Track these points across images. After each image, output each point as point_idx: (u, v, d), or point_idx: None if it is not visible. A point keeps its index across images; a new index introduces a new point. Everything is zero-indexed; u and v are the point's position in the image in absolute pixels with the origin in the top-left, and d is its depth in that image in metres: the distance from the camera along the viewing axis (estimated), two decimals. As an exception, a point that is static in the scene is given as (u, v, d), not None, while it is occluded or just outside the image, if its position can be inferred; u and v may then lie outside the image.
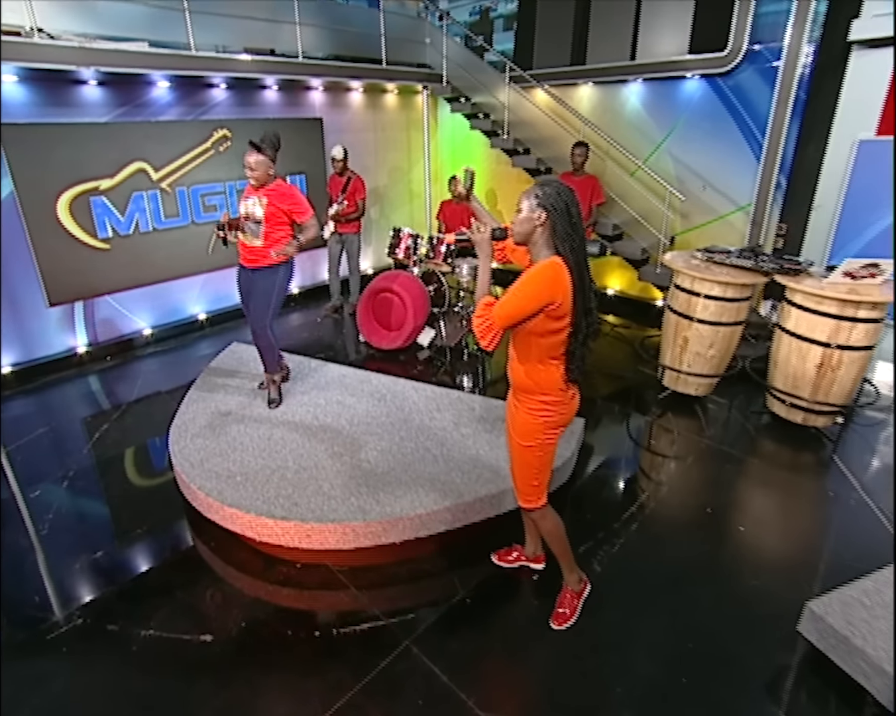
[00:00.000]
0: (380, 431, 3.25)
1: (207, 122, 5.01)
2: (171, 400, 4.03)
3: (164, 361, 4.86)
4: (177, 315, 5.30)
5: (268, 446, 3.09)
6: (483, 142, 6.70)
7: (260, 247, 3.17)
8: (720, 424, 3.79)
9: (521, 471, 2.08)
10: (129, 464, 3.39)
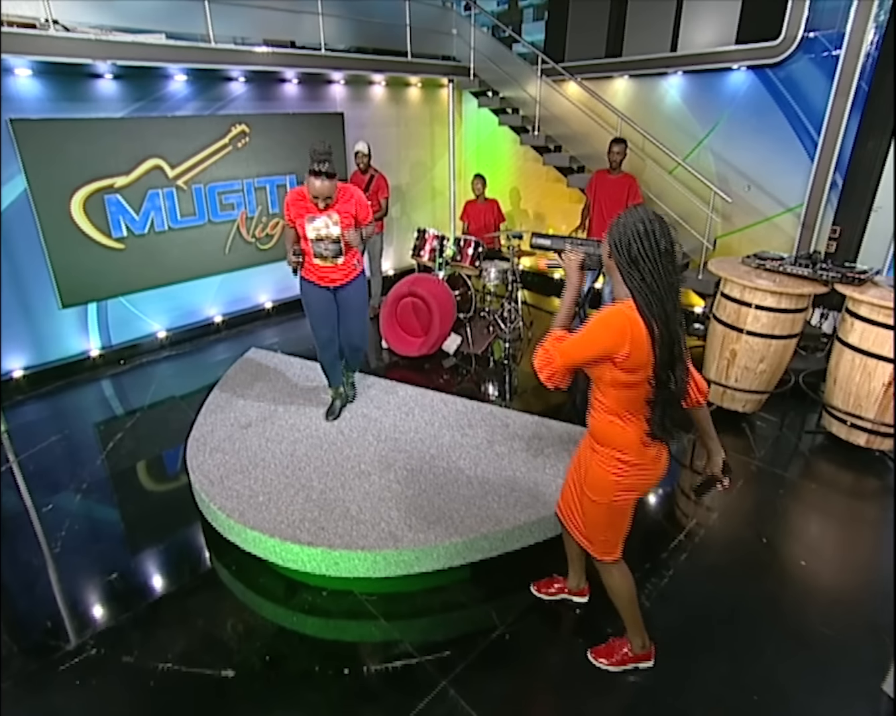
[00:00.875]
0: (409, 449, 3.14)
1: (225, 117, 4.96)
2: (186, 407, 3.98)
3: (180, 365, 4.81)
4: (192, 317, 5.27)
5: (291, 463, 2.99)
6: (510, 138, 6.58)
7: (345, 262, 3.09)
8: (771, 444, 3.62)
9: (588, 522, 1.93)
10: (145, 477, 3.32)
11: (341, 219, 2.93)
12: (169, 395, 4.27)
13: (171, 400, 4.19)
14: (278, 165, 5.38)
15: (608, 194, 4.59)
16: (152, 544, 2.78)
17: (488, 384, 4.40)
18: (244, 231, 5.31)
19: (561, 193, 6.44)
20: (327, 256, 3.01)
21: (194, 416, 3.56)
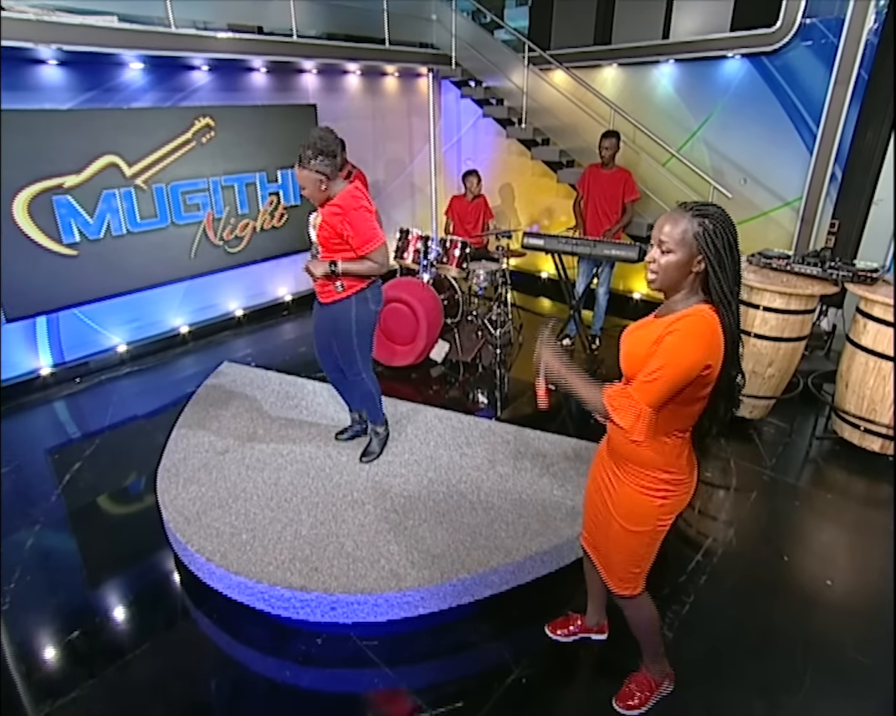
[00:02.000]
0: (404, 472, 3.00)
1: (187, 109, 4.74)
2: (152, 429, 3.75)
3: (143, 381, 4.58)
4: (155, 329, 5.04)
5: (275, 494, 2.82)
6: (494, 130, 6.49)
7: (321, 282, 2.74)
8: (781, 451, 3.58)
9: (621, 556, 1.81)
10: (108, 514, 3.09)
11: (321, 225, 2.61)
12: (132, 415, 4.03)
13: (135, 422, 3.95)
14: (247, 162, 5.19)
15: (602, 190, 4.52)
16: (120, 593, 2.57)
17: (479, 394, 4.29)
18: (211, 234, 5.11)
19: (548, 189, 6.36)
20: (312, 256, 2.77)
21: (163, 440, 3.35)
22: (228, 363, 4.33)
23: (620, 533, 1.75)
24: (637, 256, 4.03)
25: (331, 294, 2.74)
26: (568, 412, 4.07)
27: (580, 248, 4.25)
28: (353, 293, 2.74)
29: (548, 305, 6.38)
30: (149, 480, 3.19)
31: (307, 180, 2.51)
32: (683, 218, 1.45)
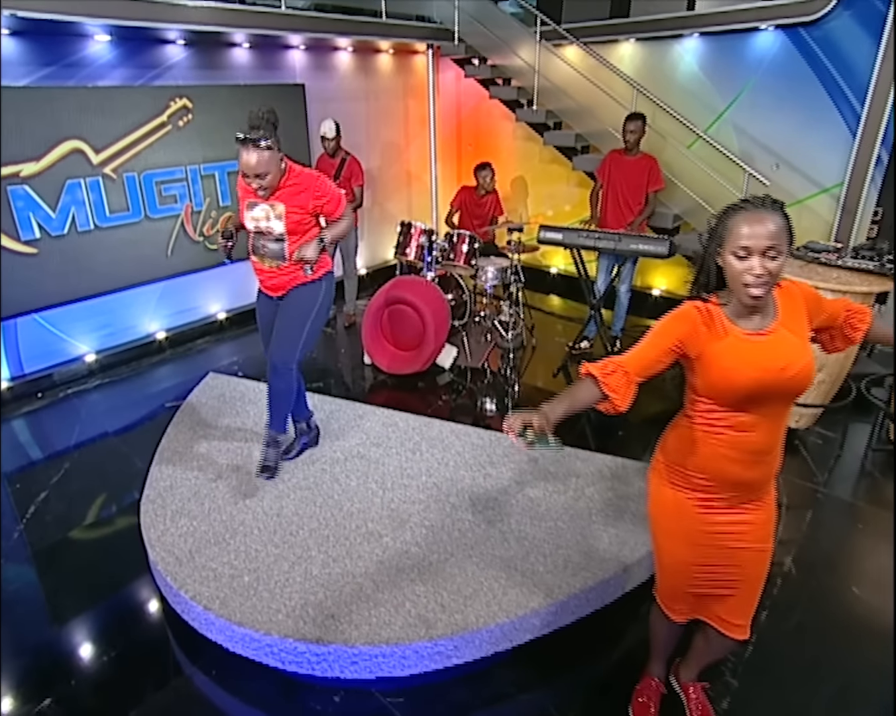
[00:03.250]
0: (423, 498, 2.86)
1: (161, 88, 4.58)
2: (129, 451, 3.57)
3: (115, 395, 4.39)
4: (128, 335, 4.89)
5: (279, 526, 2.66)
6: (497, 114, 6.39)
7: (286, 267, 2.69)
8: (832, 464, 3.49)
9: (761, 587, 1.74)
10: (83, 555, 2.86)
11: (287, 213, 2.56)
12: (104, 435, 3.84)
13: (108, 442, 3.76)
14: (228, 148, 4.94)
15: (625, 178, 4.40)
16: (100, 650, 2.36)
17: (490, 403, 4.17)
18: (190, 228, 4.97)
19: (557, 176, 6.26)
20: (265, 255, 2.67)
21: (142, 465, 3.18)
22: (214, 374, 4.17)
23: (765, 561, 1.71)
24: (668, 250, 3.91)
25: (295, 280, 2.71)
26: (587, 420, 3.95)
27: (603, 242, 4.12)
28: (324, 273, 2.74)
29: (558, 302, 6.28)
30: (129, 512, 3.01)
31: (270, 163, 2.44)
32: (774, 215, 1.43)
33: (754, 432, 1.51)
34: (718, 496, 1.61)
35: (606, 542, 2.56)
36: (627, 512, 2.73)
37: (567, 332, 5.34)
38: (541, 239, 4.37)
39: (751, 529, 1.64)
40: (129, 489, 3.24)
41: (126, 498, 3.19)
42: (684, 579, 1.74)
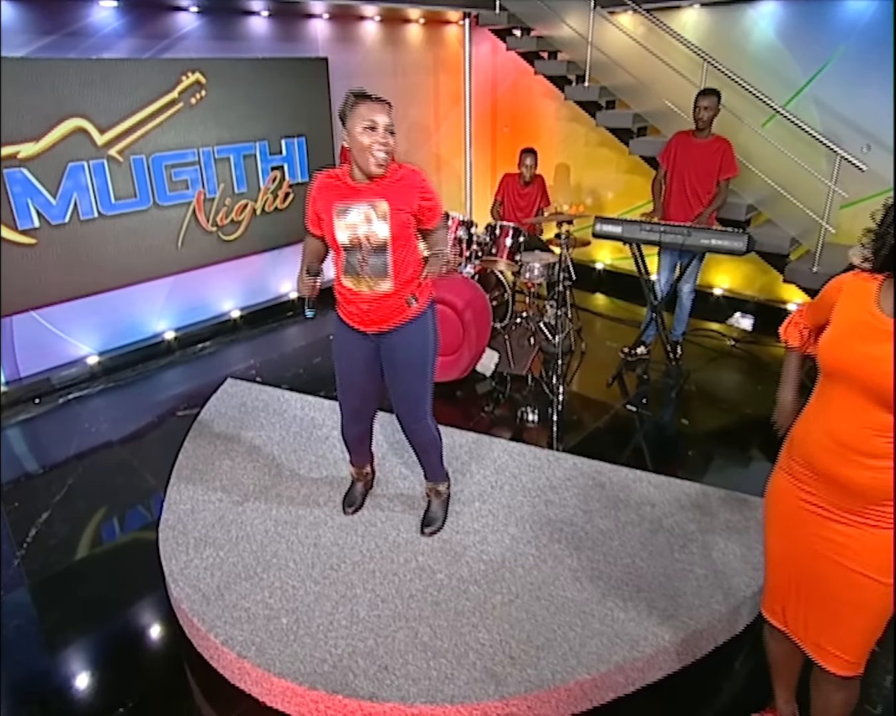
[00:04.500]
0: (478, 528, 2.75)
1: (172, 61, 4.56)
2: (139, 466, 3.51)
3: (121, 402, 4.34)
4: (134, 335, 4.88)
5: (317, 559, 2.55)
6: (537, 91, 6.29)
7: (391, 291, 2.31)
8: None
9: (865, 623, 1.62)
10: (93, 590, 2.74)
11: (392, 212, 2.21)
12: (109, 446, 3.77)
13: (115, 454, 3.68)
14: (245, 129, 5.01)
15: (694, 164, 4.24)
16: (115, 700, 2.23)
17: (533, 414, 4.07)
18: (202, 217, 4.94)
19: (606, 161, 6.13)
20: (363, 274, 2.28)
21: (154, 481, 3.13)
22: (233, 381, 4.09)
23: (870, 593, 1.58)
24: (745, 246, 3.75)
25: (400, 313, 2.35)
26: (643, 437, 3.81)
27: (669, 236, 3.97)
28: (427, 302, 2.43)
29: (605, 302, 6.13)
30: (144, 538, 2.91)
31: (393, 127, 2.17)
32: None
33: (835, 412, 1.55)
34: (816, 493, 1.62)
35: (694, 584, 2.42)
36: (715, 549, 2.59)
37: (619, 335, 5.19)
38: (596, 232, 4.23)
39: (852, 547, 1.58)
40: (141, 510, 3.17)
41: (138, 520, 3.11)
42: (778, 574, 1.78)
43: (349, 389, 2.57)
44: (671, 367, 4.52)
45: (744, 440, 3.80)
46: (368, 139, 2.11)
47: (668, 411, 4.15)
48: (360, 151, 2.13)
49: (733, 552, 2.55)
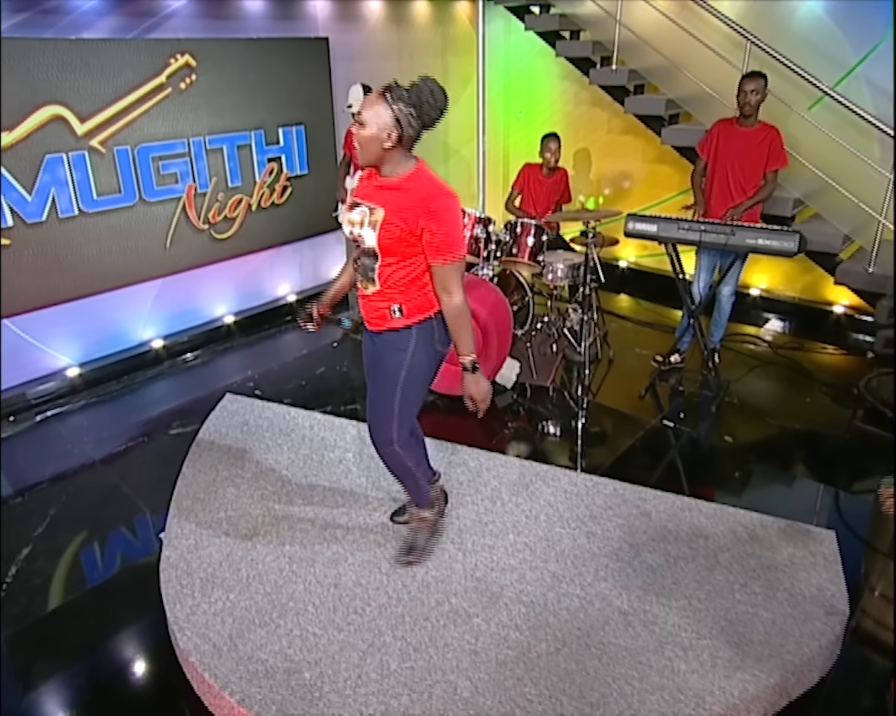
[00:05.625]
0: (515, 564, 2.69)
1: (159, 42, 4.52)
2: (130, 491, 3.46)
3: (105, 418, 4.29)
4: (118, 344, 4.85)
5: (339, 601, 2.49)
6: (555, 74, 6.29)
7: (375, 294, 2.34)
8: None
9: None
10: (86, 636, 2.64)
11: (384, 224, 2.19)
12: (93, 468, 3.70)
13: (100, 478, 3.61)
14: (239, 116, 4.99)
15: (739, 154, 4.17)
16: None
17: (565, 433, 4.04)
18: (193, 214, 4.92)
19: (631, 150, 6.11)
20: (359, 270, 2.37)
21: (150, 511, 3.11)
22: (233, 396, 4.05)
23: None
24: (797, 246, 3.69)
25: (383, 320, 2.36)
26: (685, 457, 3.76)
27: (711, 236, 3.91)
28: (416, 323, 2.34)
29: (630, 304, 6.09)
30: (141, 576, 2.82)
31: (375, 117, 2.11)
32: None
33: None
34: None
35: (761, 630, 2.35)
36: (780, 589, 2.52)
37: (648, 341, 5.15)
38: (629, 231, 4.17)
39: None
40: (136, 545, 3.11)
41: (133, 556, 3.03)
42: None
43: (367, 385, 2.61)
44: (709, 377, 4.46)
45: (794, 460, 3.74)
46: None
47: (709, 427, 4.09)
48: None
49: (801, 593, 2.49)
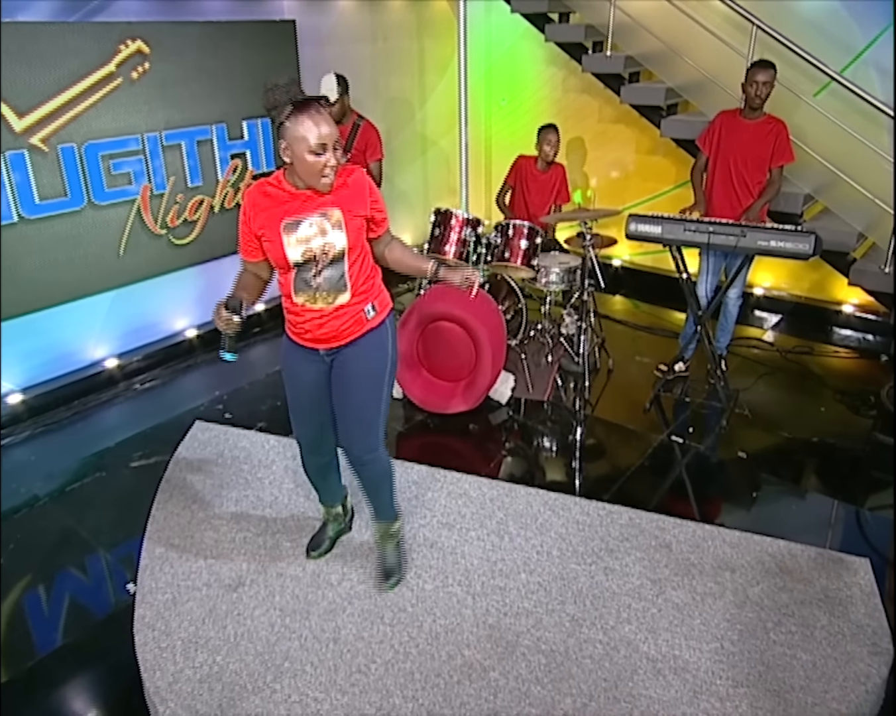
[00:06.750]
0: (529, 607, 2.67)
1: (107, 26, 4.41)
2: (89, 536, 3.32)
3: (54, 450, 4.16)
4: (66, 365, 4.71)
5: (340, 659, 2.44)
6: (540, 58, 6.32)
7: (348, 303, 2.42)
8: None
9: None
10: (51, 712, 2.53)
11: (346, 219, 2.32)
12: (44, 510, 3.56)
13: (51, 519, 3.48)
14: (198, 109, 4.91)
15: (743, 149, 4.21)
16: None
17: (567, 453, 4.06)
18: (149, 218, 4.83)
19: (624, 141, 6.15)
20: (319, 288, 2.36)
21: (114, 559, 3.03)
22: (203, 424, 3.96)
23: None
24: (812, 249, 3.72)
25: (359, 325, 2.49)
26: (698, 477, 3.77)
27: (720, 237, 3.93)
28: (388, 312, 2.60)
29: (627, 306, 6.13)
30: (108, 639, 2.70)
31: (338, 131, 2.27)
32: None
33: None
34: None
35: (801, 675, 2.36)
36: (818, 627, 2.54)
37: (648, 347, 5.19)
38: (631, 233, 4.17)
39: None
40: (100, 598, 2.97)
41: (98, 611, 2.90)
42: None
43: (304, 417, 2.66)
44: (718, 386, 4.49)
45: (815, 477, 3.79)
46: (318, 163, 2.17)
47: (722, 442, 4.11)
48: (308, 174, 2.20)
49: (840, 630, 2.51)
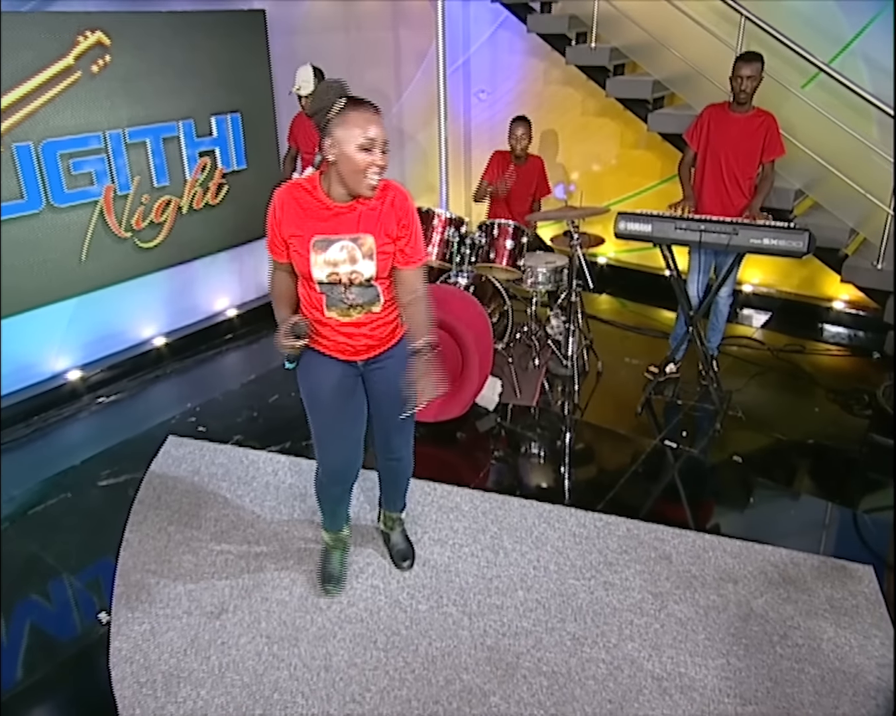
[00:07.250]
0: (528, 626, 2.67)
1: (64, 16, 4.36)
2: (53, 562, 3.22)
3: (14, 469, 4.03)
4: (25, 378, 4.63)
5: (333, 688, 2.41)
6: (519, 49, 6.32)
7: (379, 313, 2.47)
8: None
9: None
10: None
11: (378, 247, 2.31)
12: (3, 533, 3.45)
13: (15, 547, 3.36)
14: (164, 104, 4.86)
15: (733, 143, 4.24)
16: None
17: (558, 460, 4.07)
18: (112, 221, 4.76)
19: (608, 134, 6.18)
20: (352, 304, 2.39)
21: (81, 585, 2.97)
22: (177, 440, 3.90)
23: None
24: (806, 246, 3.76)
25: (394, 333, 2.57)
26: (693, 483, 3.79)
27: (713, 235, 3.94)
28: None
29: (612, 304, 6.16)
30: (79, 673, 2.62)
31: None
32: None
33: None
34: None
35: (810, 690, 2.39)
36: (824, 639, 2.57)
37: (637, 348, 5.23)
38: (620, 232, 4.17)
39: None
40: (69, 629, 2.88)
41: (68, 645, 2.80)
42: None
43: (338, 439, 2.61)
44: (710, 387, 4.52)
45: (811, 480, 3.83)
46: (365, 160, 2.15)
47: (716, 446, 4.13)
48: (353, 173, 2.17)
49: (847, 641, 2.54)
